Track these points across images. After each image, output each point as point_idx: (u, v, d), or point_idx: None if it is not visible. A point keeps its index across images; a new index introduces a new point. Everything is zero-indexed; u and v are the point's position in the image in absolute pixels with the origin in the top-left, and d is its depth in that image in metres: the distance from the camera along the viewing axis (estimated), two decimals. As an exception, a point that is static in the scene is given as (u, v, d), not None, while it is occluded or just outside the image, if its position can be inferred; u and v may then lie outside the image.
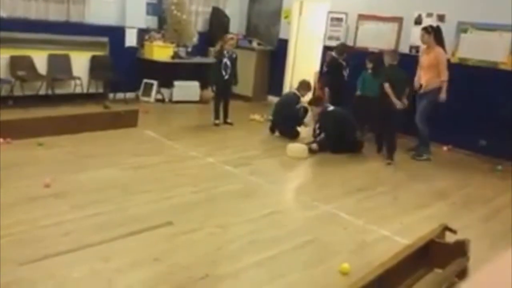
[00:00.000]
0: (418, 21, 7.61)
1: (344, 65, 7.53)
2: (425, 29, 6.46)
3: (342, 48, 7.65)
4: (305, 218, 4.20)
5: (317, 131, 6.40)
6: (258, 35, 9.97)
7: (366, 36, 8.25)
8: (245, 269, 3.23)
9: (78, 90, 7.80)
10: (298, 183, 5.17)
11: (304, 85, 7.07)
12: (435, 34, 6.42)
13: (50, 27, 7.50)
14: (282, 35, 9.65)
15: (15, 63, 7.20)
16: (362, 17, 8.29)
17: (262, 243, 3.60)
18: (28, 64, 7.34)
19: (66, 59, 7.73)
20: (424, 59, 6.47)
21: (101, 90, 8.22)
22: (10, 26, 7.01)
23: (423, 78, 6.42)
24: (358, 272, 3.10)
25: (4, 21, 7.01)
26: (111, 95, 8.31)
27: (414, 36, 7.65)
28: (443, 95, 6.30)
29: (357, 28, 8.38)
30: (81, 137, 5.83)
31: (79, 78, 7.76)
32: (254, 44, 9.73)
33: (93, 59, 8.03)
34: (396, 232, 4.00)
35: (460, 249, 3.32)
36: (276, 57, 9.69)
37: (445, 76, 6.28)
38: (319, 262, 3.43)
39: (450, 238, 3.54)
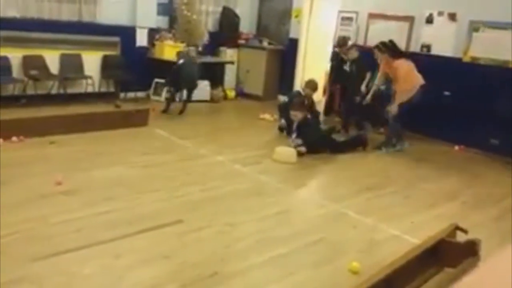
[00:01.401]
0: (429, 20, 7.57)
1: (344, 58, 7.57)
2: (377, 47, 6.60)
3: (341, 41, 7.69)
4: (314, 217, 4.19)
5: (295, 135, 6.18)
6: (269, 35, 9.97)
7: (376, 35, 8.20)
8: (254, 267, 3.24)
9: (89, 89, 7.87)
10: (307, 182, 5.17)
11: (310, 84, 7.03)
12: (389, 49, 6.51)
13: (62, 27, 7.56)
14: (292, 35, 9.63)
15: (27, 63, 7.27)
16: (372, 16, 8.25)
17: (271, 242, 3.60)
18: (40, 63, 7.41)
19: (78, 59, 7.79)
20: (390, 73, 6.59)
21: (112, 90, 8.28)
22: (23, 26, 7.09)
23: (395, 87, 6.53)
24: (368, 271, 3.09)
25: (17, 21, 7.09)
26: (122, 95, 8.37)
27: (425, 35, 7.62)
28: (394, 108, 6.42)
29: (367, 27, 8.35)
30: (92, 135, 5.88)
31: (90, 78, 7.83)
32: (265, 43, 9.74)
33: (105, 59, 8.09)
34: (406, 231, 3.98)
35: (471, 249, 3.30)
36: (286, 56, 9.68)
37: (403, 86, 6.34)
38: (328, 261, 3.42)
39: (461, 237, 3.52)
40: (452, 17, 7.28)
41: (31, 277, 2.82)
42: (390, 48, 6.54)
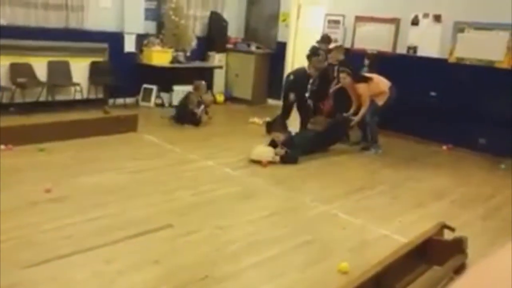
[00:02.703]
0: (415, 22, 7.66)
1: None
2: (345, 71, 6.60)
3: (325, 38, 7.74)
4: (304, 218, 4.23)
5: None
6: (257, 39, 10.02)
7: (363, 38, 8.30)
8: (245, 269, 3.26)
9: (78, 96, 7.84)
10: (297, 184, 5.20)
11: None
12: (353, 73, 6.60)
13: (50, 34, 7.54)
14: (280, 38, 9.70)
15: (15, 70, 7.24)
16: (359, 19, 8.33)
17: (261, 244, 3.63)
18: (28, 71, 7.38)
19: (66, 66, 7.77)
20: (353, 94, 6.66)
21: (101, 96, 8.27)
22: (10, 33, 7.06)
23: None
24: (358, 271, 3.12)
25: (4, 28, 7.06)
26: (111, 101, 8.35)
27: (411, 37, 7.70)
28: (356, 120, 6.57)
29: (354, 30, 8.43)
30: (82, 142, 5.86)
31: (78, 84, 7.80)
32: (253, 47, 9.78)
33: (93, 65, 8.08)
34: (395, 231, 4.03)
35: (458, 246, 3.35)
36: (275, 60, 9.73)
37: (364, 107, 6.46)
38: (318, 261, 3.45)
39: (448, 235, 3.57)
40: (437, 18, 7.38)
41: (23, 284, 2.82)
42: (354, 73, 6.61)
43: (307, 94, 7.25)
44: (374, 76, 6.63)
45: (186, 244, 3.53)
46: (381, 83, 6.53)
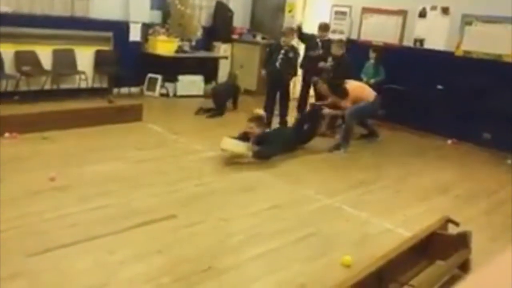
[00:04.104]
0: (422, 14, 7.59)
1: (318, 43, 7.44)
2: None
3: (323, 26, 7.57)
4: (307, 211, 4.22)
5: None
6: (263, 29, 9.96)
7: (370, 30, 8.23)
8: (248, 261, 3.26)
9: (82, 84, 7.83)
10: (301, 176, 5.18)
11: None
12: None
13: (55, 22, 7.51)
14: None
15: (20, 58, 7.23)
16: (366, 10, 8.27)
17: (264, 236, 3.62)
18: (33, 59, 7.36)
19: (71, 54, 7.75)
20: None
21: (105, 85, 8.25)
22: (15, 21, 7.03)
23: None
24: (361, 264, 3.11)
25: (9, 16, 7.04)
26: (115, 90, 8.34)
27: (418, 29, 7.64)
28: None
29: (361, 21, 8.36)
30: (86, 131, 5.86)
31: (83, 73, 7.79)
32: (258, 38, 9.73)
33: (98, 54, 8.05)
34: (399, 225, 4.01)
35: (463, 241, 3.33)
36: (280, 51, 9.64)
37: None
38: (321, 254, 3.45)
39: (452, 230, 3.55)
40: (445, 11, 7.31)
41: (26, 273, 2.83)
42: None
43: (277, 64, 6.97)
44: (360, 85, 6.45)
45: (189, 235, 3.53)
46: (366, 92, 6.29)
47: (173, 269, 3.04)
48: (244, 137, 5.52)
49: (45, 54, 7.45)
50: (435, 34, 7.45)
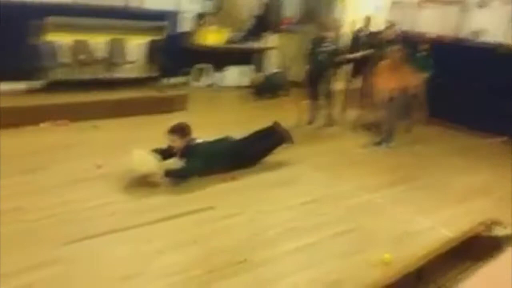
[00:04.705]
0: (481, 4, 7.24)
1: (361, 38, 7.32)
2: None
3: (365, 20, 7.48)
4: (347, 206, 4.15)
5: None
6: (313, 20, 9.80)
7: (425, 21, 7.94)
8: (283, 255, 3.26)
9: (134, 74, 8.02)
10: (342, 171, 5.08)
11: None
12: None
13: (109, 13, 7.71)
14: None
15: (76, 48, 7.48)
16: (422, 0, 7.97)
17: (301, 230, 3.60)
18: (88, 48, 7.61)
19: (124, 44, 7.94)
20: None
21: (155, 74, 8.41)
22: (72, 11, 7.29)
23: None
24: (400, 263, 3.05)
25: (68, 6, 7.29)
26: (164, 80, 8.48)
27: (476, 20, 7.29)
28: None
29: (416, 12, 8.07)
30: (133, 120, 6.02)
31: (135, 62, 7.98)
32: (307, 28, 9.59)
33: (149, 44, 8.20)
34: (440, 224, 3.88)
35: (506, 244, 3.18)
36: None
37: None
38: (358, 251, 3.39)
39: (497, 232, 3.40)
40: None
41: (64, 260, 2.92)
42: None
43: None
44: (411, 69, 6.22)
45: (226, 227, 3.55)
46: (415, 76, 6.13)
47: (209, 260, 3.07)
48: (167, 151, 4.49)
49: (99, 43, 7.69)
50: (494, 26, 7.10)
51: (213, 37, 8.61)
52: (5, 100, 5.71)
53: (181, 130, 4.50)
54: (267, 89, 8.27)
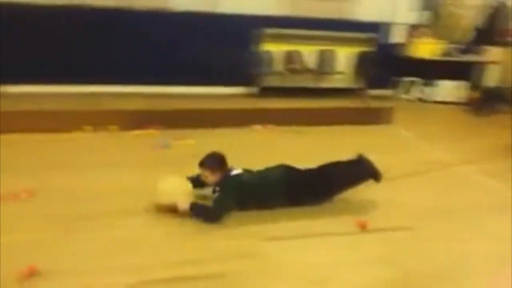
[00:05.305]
0: None
1: None
2: None
3: None
4: None
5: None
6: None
7: None
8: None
9: (341, 84, 8.14)
10: None
11: None
12: None
13: (320, 24, 7.94)
14: None
15: (288, 57, 7.92)
16: None
17: (504, 265, 3.14)
18: (300, 58, 7.98)
19: (333, 54, 8.11)
20: None
21: (362, 86, 8.37)
22: (285, 23, 7.73)
23: None
24: None
25: (281, 19, 7.75)
26: (371, 91, 8.39)
27: None
28: None
29: None
30: (337, 129, 6.10)
31: (343, 73, 8.08)
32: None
33: (358, 55, 8.22)
34: None
35: None
36: None
37: None
38: None
39: None
40: None
41: (261, 255, 3.04)
42: None
43: None
44: None
45: (422, 250, 3.29)
46: None
47: (399, 283, 2.89)
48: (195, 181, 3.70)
49: (310, 53, 7.99)
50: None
51: (426, 49, 8.22)
52: (229, 102, 6.32)
53: (212, 164, 3.60)
54: (486, 104, 7.55)
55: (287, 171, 3.76)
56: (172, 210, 3.43)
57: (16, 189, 3.74)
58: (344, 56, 8.14)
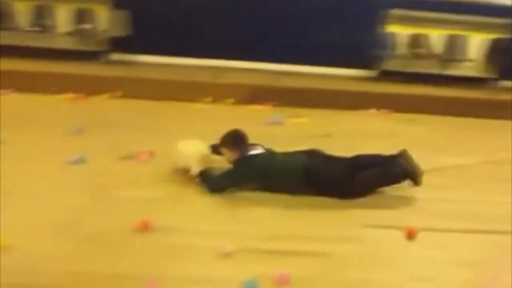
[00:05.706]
0: None
1: None
2: None
3: None
4: None
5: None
6: None
7: None
8: None
9: (470, 72, 7.63)
10: None
11: None
12: None
13: (451, 7, 7.46)
14: None
15: (414, 41, 7.58)
16: None
17: None
18: (426, 42, 7.61)
19: (463, 40, 7.61)
20: None
21: (493, 75, 7.75)
22: (413, 4, 7.37)
23: None
24: None
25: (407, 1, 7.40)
26: (502, 82, 7.74)
27: None
28: None
29: None
30: (458, 121, 5.79)
31: (474, 61, 7.56)
32: None
33: (491, 42, 7.62)
34: None
35: None
36: None
37: None
38: None
39: None
40: None
41: (365, 240, 3.01)
42: None
43: None
44: None
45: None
46: None
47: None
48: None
49: (437, 38, 7.57)
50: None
51: None
52: (346, 83, 6.23)
53: (230, 141, 3.60)
54: None
55: (310, 157, 3.56)
56: (185, 172, 3.54)
57: (137, 150, 4.08)
58: (475, 43, 7.60)
